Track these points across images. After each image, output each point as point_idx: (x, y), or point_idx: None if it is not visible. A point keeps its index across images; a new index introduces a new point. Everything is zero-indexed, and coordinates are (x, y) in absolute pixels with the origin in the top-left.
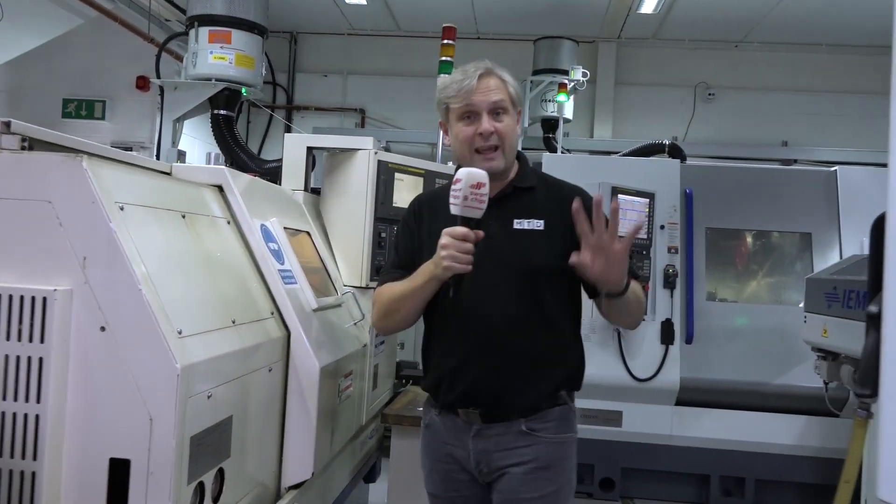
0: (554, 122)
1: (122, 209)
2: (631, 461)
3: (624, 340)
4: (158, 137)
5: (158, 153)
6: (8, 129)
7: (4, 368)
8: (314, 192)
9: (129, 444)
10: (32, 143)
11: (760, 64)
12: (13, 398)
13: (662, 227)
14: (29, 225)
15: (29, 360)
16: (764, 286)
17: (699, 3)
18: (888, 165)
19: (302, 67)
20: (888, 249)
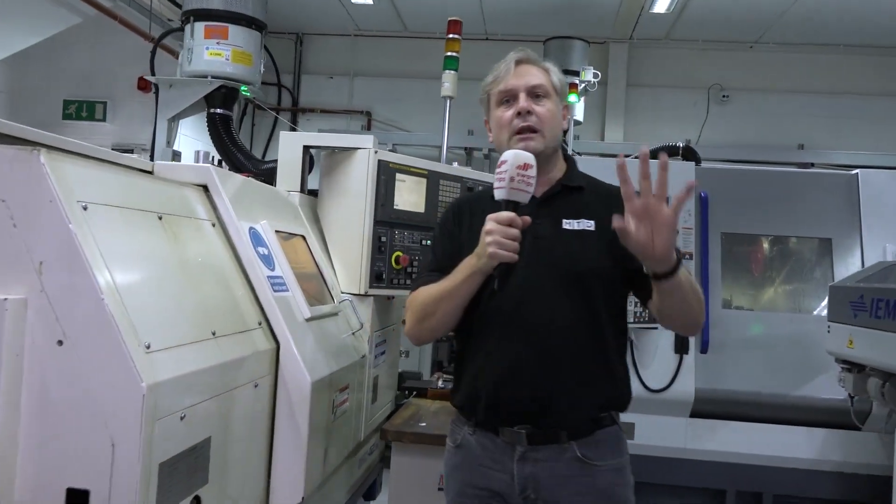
0: None
1: (85, 209)
2: (644, 475)
3: (636, 349)
4: (153, 137)
5: (153, 153)
6: None
7: None
8: (311, 193)
9: (88, 472)
10: None
11: (776, 65)
12: None
13: (677, 232)
14: None
15: None
16: (781, 294)
17: (713, 2)
18: None
19: (307, 69)
20: None
